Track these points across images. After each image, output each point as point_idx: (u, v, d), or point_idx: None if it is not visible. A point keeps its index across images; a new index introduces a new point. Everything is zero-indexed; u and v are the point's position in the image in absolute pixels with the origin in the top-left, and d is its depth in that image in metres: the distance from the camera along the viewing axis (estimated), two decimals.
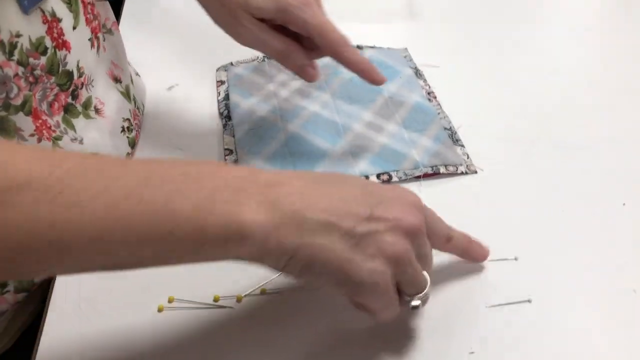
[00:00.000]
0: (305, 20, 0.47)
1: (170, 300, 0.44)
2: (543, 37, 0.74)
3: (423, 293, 0.38)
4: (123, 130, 0.55)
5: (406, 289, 0.37)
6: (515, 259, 0.47)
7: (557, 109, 0.62)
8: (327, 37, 0.48)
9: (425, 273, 0.38)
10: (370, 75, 0.51)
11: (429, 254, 0.39)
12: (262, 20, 0.48)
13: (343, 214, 0.34)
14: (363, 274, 0.34)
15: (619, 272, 0.46)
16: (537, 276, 0.46)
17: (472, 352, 0.41)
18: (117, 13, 0.63)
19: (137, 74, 0.62)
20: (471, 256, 0.44)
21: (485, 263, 0.46)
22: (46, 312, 0.44)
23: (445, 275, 0.46)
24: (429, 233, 0.38)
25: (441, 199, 0.50)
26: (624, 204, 0.52)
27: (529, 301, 0.44)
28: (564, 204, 0.51)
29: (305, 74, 0.51)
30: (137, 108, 0.58)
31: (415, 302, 0.38)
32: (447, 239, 0.41)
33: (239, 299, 0.44)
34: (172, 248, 0.31)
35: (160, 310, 0.43)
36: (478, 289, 0.45)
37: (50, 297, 0.45)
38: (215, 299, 0.44)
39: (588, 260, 0.47)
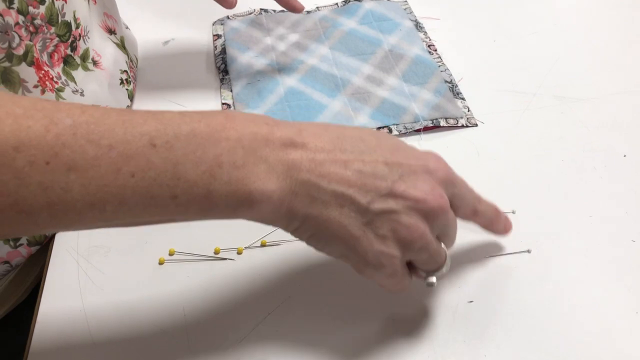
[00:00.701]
0: None
1: (171, 253, 0.44)
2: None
3: (440, 271, 0.37)
4: (122, 82, 0.55)
5: (421, 266, 0.36)
6: (513, 212, 0.46)
7: (558, 61, 0.62)
8: None
9: (444, 248, 0.36)
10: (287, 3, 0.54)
11: (452, 231, 0.37)
12: None
13: (359, 188, 0.32)
14: (369, 255, 0.33)
15: (618, 223, 0.47)
16: (537, 228, 0.46)
17: (471, 302, 0.42)
18: None
19: (126, 27, 0.61)
20: (495, 229, 0.42)
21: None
22: (47, 268, 0.44)
23: None
24: (455, 206, 0.36)
25: (441, 152, 0.51)
26: (624, 156, 0.52)
27: (529, 251, 0.45)
28: (563, 155, 0.52)
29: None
30: (131, 60, 0.58)
31: (431, 279, 0.37)
32: (473, 212, 0.39)
33: (239, 251, 0.44)
34: (176, 212, 0.30)
35: (161, 262, 0.44)
36: (478, 240, 0.45)
37: (50, 254, 0.45)
38: (216, 251, 0.44)
39: (587, 211, 0.48)
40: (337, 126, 0.34)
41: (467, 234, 0.45)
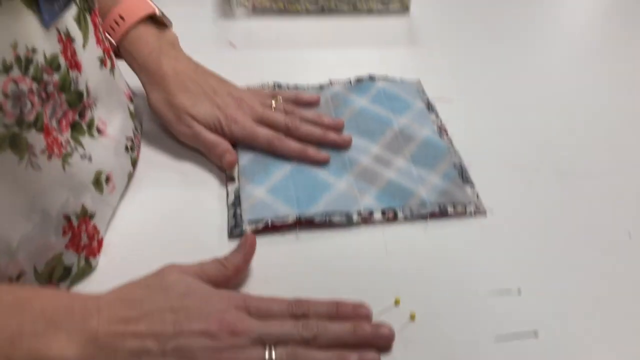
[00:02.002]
0: (236, 136, 0.58)
1: None
2: (549, 64, 0.76)
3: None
4: (126, 149, 0.55)
5: None
6: (519, 291, 0.47)
7: (559, 136, 0.63)
8: (257, 144, 0.58)
9: (262, 352, 0.38)
10: (307, 156, 0.58)
11: (263, 332, 0.39)
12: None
13: (151, 337, 0.36)
14: None
15: (626, 307, 0.46)
16: (543, 308, 0.46)
17: None
18: None
19: (134, 95, 0.63)
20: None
21: (490, 296, 0.47)
22: None
23: (450, 308, 0.46)
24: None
25: (447, 238, 0.51)
26: (629, 234, 0.52)
27: (535, 333, 0.44)
28: (567, 233, 0.52)
29: (225, 159, 0.56)
30: (136, 128, 0.58)
31: None
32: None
33: None
34: None
35: None
36: (483, 321, 0.45)
37: None
38: None
39: (594, 291, 0.47)
40: (131, 289, 0.40)
41: (469, 313, 0.45)
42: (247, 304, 0.41)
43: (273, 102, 0.61)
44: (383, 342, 0.42)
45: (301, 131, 0.58)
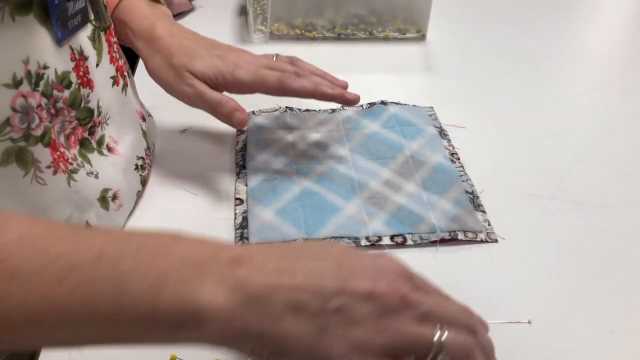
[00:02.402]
0: (242, 79, 0.55)
1: (172, 359, 0.43)
2: (565, 93, 0.76)
3: (432, 352, 0.32)
4: (137, 168, 0.55)
5: (405, 357, 0.33)
6: (529, 322, 0.46)
7: (575, 165, 0.63)
8: (267, 85, 0.55)
9: (436, 331, 0.32)
10: (322, 92, 0.56)
11: (433, 310, 0.33)
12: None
13: (310, 292, 0.31)
14: (334, 355, 0.31)
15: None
16: (554, 341, 0.45)
17: None
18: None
19: (149, 115, 0.63)
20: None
21: (499, 326, 0.45)
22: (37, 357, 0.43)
23: None
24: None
25: (456, 265, 0.50)
26: None
27: None
28: (582, 264, 0.51)
29: (235, 119, 0.55)
30: (148, 148, 0.59)
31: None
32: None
33: None
34: (117, 330, 0.29)
35: None
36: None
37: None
38: None
39: (608, 325, 0.46)
40: (282, 244, 0.37)
41: None
42: (412, 276, 0.35)
43: (274, 56, 0.60)
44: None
45: (311, 78, 0.57)
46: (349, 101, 0.57)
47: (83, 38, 0.47)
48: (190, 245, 0.31)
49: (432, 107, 0.69)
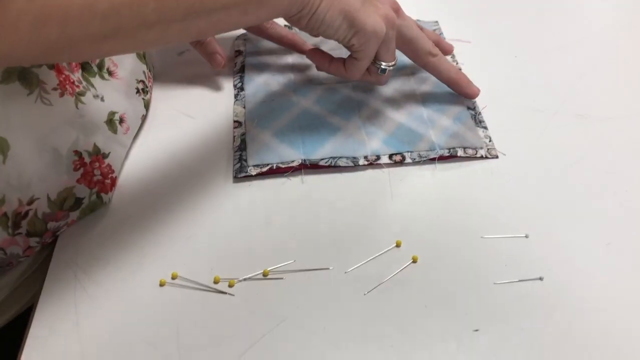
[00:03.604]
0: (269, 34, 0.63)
1: (173, 277, 0.44)
2: (572, 6, 0.73)
3: (394, 61, 0.52)
4: (138, 91, 0.56)
5: (384, 54, 0.51)
6: (526, 236, 0.46)
7: (582, 78, 0.61)
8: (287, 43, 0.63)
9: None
10: (293, 44, 0.63)
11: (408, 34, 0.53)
12: None
13: None
14: (368, 22, 0.47)
15: (637, 251, 0.46)
16: (550, 254, 0.46)
17: (477, 330, 0.41)
18: None
19: None
20: (460, 87, 0.56)
21: (496, 241, 0.46)
22: (44, 283, 0.45)
23: (453, 251, 0.46)
24: (412, 38, 0.53)
25: (455, 181, 0.51)
26: None
27: (541, 279, 0.44)
28: (583, 178, 0.51)
29: (214, 61, 0.60)
30: (149, 70, 0.58)
31: (385, 67, 0.51)
32: (430, 53, 0.54)
33: (230, 284, 0.44)
34: None
35: (162, 284, 0.44)
36: (484, 265, 0.45)
37: (49, 269, 0.46)
38: (216, 280, 0.44)
39: (605, 238, 0.47)
40: None
41: (473, 257, 0.45)
42: None
43: None
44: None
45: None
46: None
47: None
48: None
49: (436, 22, 0.67)
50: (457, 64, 0.61)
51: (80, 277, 0.44)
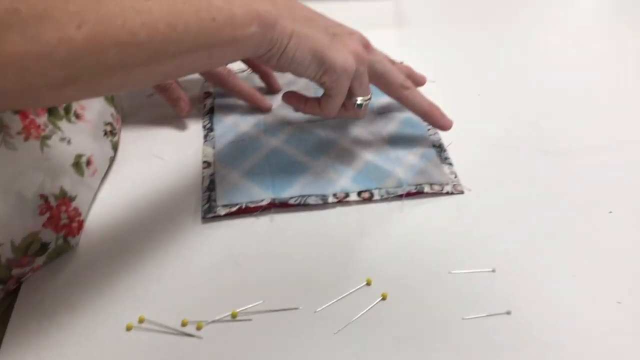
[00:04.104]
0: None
1: (140, 320, 0.44)
2: (533, 45, 0.76)
3: (368, 96, 0.53)
4: (106, 133, 0.56)
5: (357, 89, 0.51)
6: (493, 270, 0.47)
7: (543, 114, 0.63)
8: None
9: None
10: (254, 100, 0.63)
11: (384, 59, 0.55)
12: None
13: (318, 18, 0.50)
14: (338, 59, 0.48)
15: (603, 283, 0.46)
16: (517, 288, 0.46)
17: None
18: None
19: None
20: (433, 119, 0.56)
21: (463, 276, 0.46)
22: (6, 329, 0.44)
23: (422, 287, 0.46)
24: (384, 72, 0.54)
25: (423, 218, 0.51)
26: (610, 212, 0.52)
27: (508, 313, 0.44)
28: (547, 212, 0.52)
29: (178, 107, 0.61)
30: (118, 112, 0.59)
31: (360, 102, 0.52)
32: (402, 86, 0.55)
33: (198, 327, 0.43)
34: (216, 34, 0.41)
35: (129, 329, 0.43)
36: (451, 300, 0.45)
37: (12, 315, 0.45)
38: (184, 323, 0.43)
39: (571, 270, 0.47)
40: None
41: (441, 293, 0.45)
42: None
43: None
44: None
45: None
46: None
47: None
48: None
49: (402, 62, 0.69)
50: None
51: (44, 323, 0.43)
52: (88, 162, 0.51)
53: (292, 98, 0.55)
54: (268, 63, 0.47)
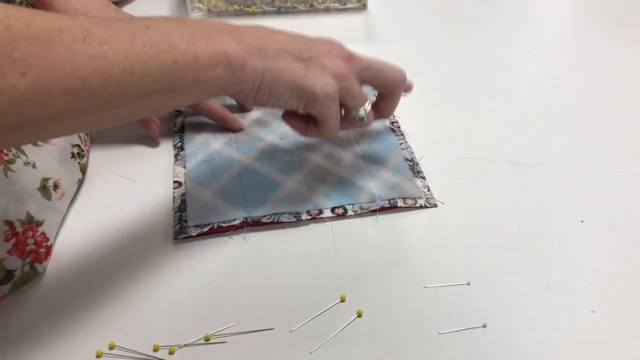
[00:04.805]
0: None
1: (111, 347, 0.42)
2: (502, 59, 0.76)
3: (366, 104, 0.50)
4: (73, 156, 0.54)
5: (350, 102, 0.49)
6: (468, 283, 0.47)
7: (513, 126, 0.64)
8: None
9: (365, 93, 0.51)
10: (225, 121, 0.61)
11: (371, 63, 0.51)
12: None
13: (290, 45, 0.46)
14: (316, 87, 0.46)
15: (576, 292, 0.47)
16: (492, 300, 0.46)
17: None
18: None
19: None
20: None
21: (438, 290, 0.46)
22: None
23: (397, 302, 0.45)
24: (375, 73, 0.51)
25: (397, 232, 0.51)
26: (582, 221, 0.52)
27: (484, 326, 0.44)
28: (520, 222, 0.52)
29: (149, 127, 0.60)
30: (86, 134, 0.57)
31: (360, 113, 0.50)
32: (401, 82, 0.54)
33: (171, 351, 0.42)
34: (179, 77, 0.39)
35: (99, 355, 0.42)
36: (426, 314, 0.45)
37: None
38: (155, 348, 0.42)
39: (545, 280, 0.47)
40: (254, 25, 0.46)
41: (417, 307, 0.45)
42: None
43: None
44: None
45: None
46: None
47: None
48: (196, 20, 0.42)
49: None
50: (393, 117, 0.63)
51: (10, 354, 0.42)
52: (55, 186, 0.50)
53: (293, 120, 0.52)
54: (245, 101, 0.46)
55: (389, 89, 0.53)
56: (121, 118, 0.39)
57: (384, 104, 0.54)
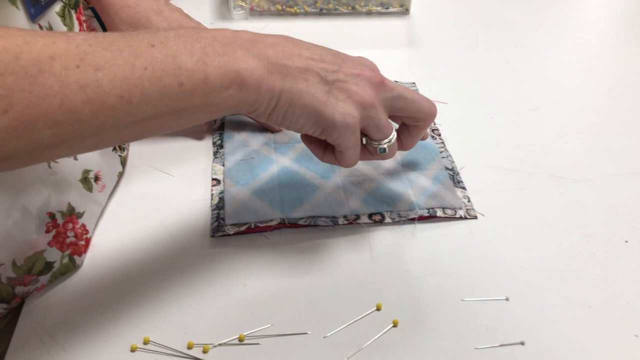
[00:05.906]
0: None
1: (145, 342, 0.43)
2: (547, 69, 0.75)
3: (389, 138, 0.45)
4: (114, 148, 0.55)
5: (374, 134, 0.45)
6: (507, 299, 0.46)
7: (556, 140, 0.62)
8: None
9: (392, 124, 0.46)
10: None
11: (403, 93, 0.45)
12: None
13: (316, 64, 0.41)
14: (336, 115, 0.41)
15: (619, 315, 0.45)
16: (531, 317, 0.45)
17: None
18: None
19: None
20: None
21: (476, 304, 0.45)
22: (8, 346, 0.43)
23: (434, 315, 0.45)
24: (406, 105, 0.46)
25: (435, 242, 0.50)
26: (626, 241, 0.51)
27: (522, 343, 0.43)
28: (561, 239, 0.51)
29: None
30: None
31: (382, 146, 0.45)
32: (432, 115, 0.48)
33: (205, 350, 0.42)
34: (184, 100, 0.36)
35: (133, 350, 0.42)
36: (465, 330, 0.44)
37: (14, 332, 0.43)
38: (189, 346, 0.42)
39: (586, 300, 0.46)
40: (282, 35, 0.43)
41: (453, 321, 0.44)
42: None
43: None
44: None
45: None
46: None
47: (52, 15, 0.45)
48: (213, 32, 0.38)
49: (414, 83, 0.68)
50: (434, 124, 0.62)
51: (47, 342, 0.42)
52: (96, 178, 0.51)
53: (310, 144, 0.47)
54: (259, 119, 0.42)
55: (418, 122, 0.48)
56: (121, 140, 0.37)
57: (409, 137, 0.49)
